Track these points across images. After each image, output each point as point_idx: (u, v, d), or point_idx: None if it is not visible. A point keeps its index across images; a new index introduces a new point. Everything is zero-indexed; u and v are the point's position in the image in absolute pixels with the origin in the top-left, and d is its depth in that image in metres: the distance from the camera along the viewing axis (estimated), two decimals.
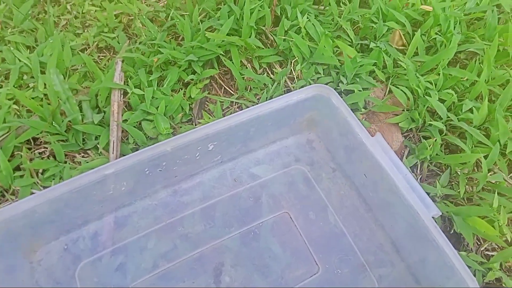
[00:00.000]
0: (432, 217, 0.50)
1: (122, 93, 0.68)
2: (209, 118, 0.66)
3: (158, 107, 0.66)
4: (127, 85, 0.67)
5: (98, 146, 0.64)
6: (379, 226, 0.58)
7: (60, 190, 0.47)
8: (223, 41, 0.73)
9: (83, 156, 0.64)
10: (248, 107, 0.72)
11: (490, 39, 0.75)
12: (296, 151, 0.65)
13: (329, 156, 0.65)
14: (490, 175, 0.64)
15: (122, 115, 0.65)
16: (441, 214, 0.51)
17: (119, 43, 0.78)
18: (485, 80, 0.68)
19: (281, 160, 0.64)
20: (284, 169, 0.64)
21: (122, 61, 0.70)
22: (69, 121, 0.62)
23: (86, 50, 0.79)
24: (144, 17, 0.78)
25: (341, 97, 0.59)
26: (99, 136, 0.64)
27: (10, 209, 0.45)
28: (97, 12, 0.81)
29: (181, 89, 0.75)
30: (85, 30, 0.82)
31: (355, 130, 0.56)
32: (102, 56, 0.81)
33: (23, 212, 0.46)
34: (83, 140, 0.65)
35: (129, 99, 0.68)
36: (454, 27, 0.75)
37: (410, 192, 0.51)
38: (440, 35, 0.74)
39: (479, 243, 0.62)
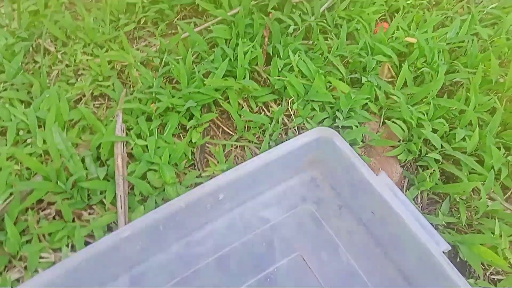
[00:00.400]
0: (443, 252, 0.52)
1: (124, 144, 0.68)
2: (215, 165, 0.66)
3: (161, 156, 0.66)
4: (130, 136, 0.68)
5: (104, 200, 0.64)
6: (390, 261, 0.60)
7: (77, 259, 0.47)
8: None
9: (89, 213, 0.64)
10: (250, 148, 0.73)
11: (473, 66, 0.79)
12: (301, 190, 0.67)
13: (334, 193, 0.66)
14: (487, 198, 0.67)
15: (127, 167, 0.65)
16: (450, 248, 0.53)
17: (114, 91, 0.79)
18: (473, 108, 0.71)
19: (288, 201, 0.65)
20: (292, 209, 0.65)
21: (122, 112, 0.70)
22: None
23: (81, 99, 0.79)
24: (139, 64, 0.79)
25: (338, 131, 0.61)
26: (105, 190, 0.64)
27: (26, 285, 0.45)
28: (89, 61, 0.81)
29: (181, 134, 0.75)
30: (78, 79, 0.82)
31: (360, 170, 0.58)
32: (97, 104, 0.80)
33: (40, 285, 0.45)
34: (88, 195, 0.64)
35: (132, 149, 0.68)
36: (438, 57, 0.79)
37: (419, 229, 0.53)
38: (426, 66, 0.78)
39: (483, 267, 0.64)
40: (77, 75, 0.83)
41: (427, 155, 0.69)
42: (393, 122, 0.72)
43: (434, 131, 0.71)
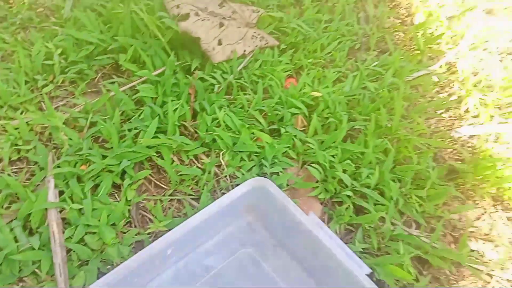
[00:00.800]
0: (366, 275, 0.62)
1: (58, 210, 0.66)
2: (159, 222, 0.68)
3: (99, 218, 0.66)
4: (63, 200, 0.66)
5: (37, 271, 0.61)
6: None
7: None
8: None
9: (22, 287, 0.60)
10: (187, 201, 0.77)
11: (366, 114, 0.96)
12: (240, 235, 0.72)
13: (269, 235, 0.73)
14: (390, 223, 0.81)
15: (63, 233, 0.63)
16: (372, 271, 0.63)
17: (36, 155, 0.76)
18: (371, 150, 0.86)
19: (228, 247, 0.70)
20: (233, 255, 0.69)
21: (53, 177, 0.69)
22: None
23: None
24: (64, 126, 0.78)
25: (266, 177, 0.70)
26: (38, 260, 0.61)
27: None
28: (6, 125, 0.77)
29: (115, 193, 0.76)
30: None
31: (293, 212, 0.66)
32: (15, 169, 0.76)
33: None
34: (19, 267, 0.61)
35: (66, 214, 0.66)
36: (339, 108, 0.94)
37: (345, 258, 0.62)
38: (331, 116, 0.92)
39: (396, 282, 0.76)
40: None
41: (341, 193, 0.81)
42: (310, 165, 0.83)
43: (344, 171, 0.84)
